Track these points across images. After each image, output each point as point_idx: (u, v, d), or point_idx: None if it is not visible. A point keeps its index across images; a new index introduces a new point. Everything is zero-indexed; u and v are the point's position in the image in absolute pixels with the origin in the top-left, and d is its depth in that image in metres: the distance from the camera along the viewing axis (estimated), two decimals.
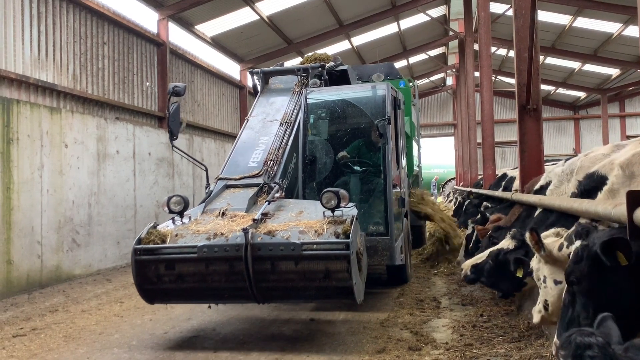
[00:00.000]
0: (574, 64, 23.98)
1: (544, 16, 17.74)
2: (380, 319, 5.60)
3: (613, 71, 24.10)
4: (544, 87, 26.72)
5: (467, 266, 4.69)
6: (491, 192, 8.21)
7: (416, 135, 11.27)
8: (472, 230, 6.66)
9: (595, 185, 3.20)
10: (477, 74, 15.79)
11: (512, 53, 6.67)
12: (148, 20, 12.75)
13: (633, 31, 18.21)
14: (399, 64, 24.78)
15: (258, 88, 7.61)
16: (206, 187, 5.95)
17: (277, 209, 5.23)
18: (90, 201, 9.45)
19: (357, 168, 6.92)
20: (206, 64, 15.57)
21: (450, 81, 32.32)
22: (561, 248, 2.98)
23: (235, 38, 16.00)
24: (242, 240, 4.57)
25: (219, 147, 15.07)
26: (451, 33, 22.48)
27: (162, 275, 4.85)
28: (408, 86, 9.92)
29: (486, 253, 4.49)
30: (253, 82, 7.81)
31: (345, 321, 5.70)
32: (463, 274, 4.78)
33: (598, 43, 20.31)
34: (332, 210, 4.87)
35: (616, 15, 17.02)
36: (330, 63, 7.77)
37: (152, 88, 12.75)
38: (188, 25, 14.24)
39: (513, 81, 7.29)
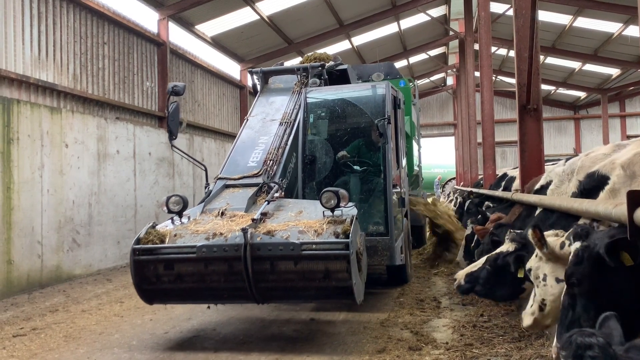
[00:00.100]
0: (574, 64, 23.97)
1: (544, 16, 17.73)
2: (380, 319, 5.60)
3: (613, 71, 24.08)
4: (544, 87, 26.70)
5: (461, 276, 4.48)
6: (491, 192, 8.20)
7: (416, 134, 11.25)
8: (472, 230, 6.64)
9: (596, 184, 3.19)
10: (478, 74, 15.78)
11: (513, 53, 6.66)
12: (148, 20, 12.77)
13: (633, 31, 18.20)
14: (399, 64, 24.77)
15: (258, 88, 7.58)
16: (205, 187, 5.92)
17: (277, 209, 5.21)
18: (90, 201, 9.45)
19: (357, 168, 6.89)
20: (206, 64, 15.57)
21: (450, 81, 32.31)
22: (563, 246, 2.97)
23: (235, 38, 16.00)
24: (241, 240, 4.55)
25: (219, 147, 15.07)
26: (451, 33, 22.47)
27: (161, 275, 4.82)
28: (408, 86, 9.90)
29: (482, 260, 4.37)
30: (253, 82, 7.78)
31: (345, 321, 5.70)
32: (456, 284, 4.49)
33: (598, 43, 20.29)
34: (332, 210, 4.84)
35: (616, 15, 17.00)
36: (330, 62, 7.74)
37: (153, 88, 12.75)
38: (188, 25, 14.24)
39: (513, 81, 7.28)
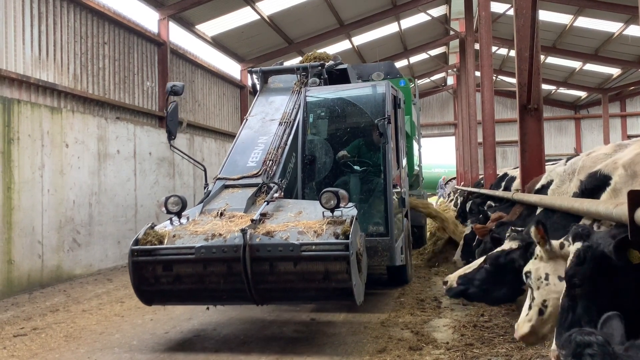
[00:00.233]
0: (575, 64, 23.96)
1: (545, 16, 17.73)
2: (381, 319, 5.60)
3: (614, 71, 24.07)
4: (545, 87, 26.68)
5: (453, 278, 4.21)
6: (492, 192, 8.18)
7: (416, 134, 11.25)
8: (472, 230, 6.62)
9: (597, 184, 3.17)
10: (478, 74, 15.77)
11: (513, 52, 6.65)
12: (149, 20, 12.78)
13: (634, 31, 18.20)
14: (400, 64, 24.77)
15: (257, 87, 7.55)
16: (205, 187, 5.89)
17: (276, 209, 5.18)
18: (91, 201, 9.45)
19: (357, 168, 6.87)
20: (207, 64, 15.57)
21: (451, 81, 32.30)
22: (563, 247, 2.95)
23: (235, 38, 15.99)
24: (241, 241, 4.52)
25: (220, 147, 15.07)
26: (452, 33, 22.48)
27: (160, 276, 4.79)
28: (408, 85, 9.88)
29: (477, 262, 4.22)
30: (252, 81, 7.73)
31: (345, 321, 5.70)
32: (448, 287, 4.19)
33: (599, 42, 20.28)
34: (332, 210, 4.81)
35: (617, 14, 17.00)
36: (329, 62, 7.72)
37: (153, 88, 12.75)
38: (189, 25, 14.25)
39: (514, 81, 7.27)
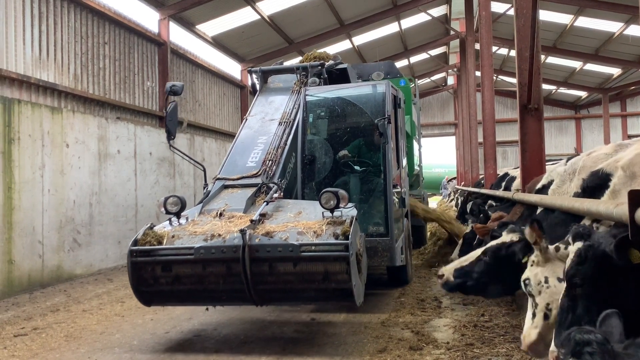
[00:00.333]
0: (575, 64, 23.95)
1: (545, 15, 17.72)
2: (381, 319, 5.60)
3: (614, 70, 24.06)
4: (545, 87, 26.66)
5: (449, 270, 4.10)
6: (492, 192, 8.17)
7: (417, 134, 11.23)
8: (472, 230, 6.61)
9: (599, 183, 3.15)
10: (478, 74, 15.75)
11: (514, 52, 6.64)
12: (149, 20, 12.78)
13: (634, 30, 18.19)
14: (400, 64, 24.76)
15: (257, 87, 7.54)
16: (204, 187, 5.88)
17: (276, 210, 5.16)
18: (91, 201, 9.45)
19: (357, 168, 6.86)
20: (207, 64, 15.58)
21: (451, 81, 32.29)
22: (558, 250, 2.92)
23: (236, 38, 15.99)
24: (240, 241, 4.50)
25: (220, 147, 15.07)
26: (452, 32, 22.46)
27: (159, 277, 4.77)
28: (408, 85, 9.85)
29: (474, 254, 4.13)
30: (252, 81, 7.73)
31: (346, 321, 5.70)
32: (444, 280, 4.08)
33: (599, 42, 20.27)
34: (332, 210, 4.79)
35: (617, 14, 16.99)
36: (329, 62, 7.71)
37: (153, 88, 12.75)
38: (189, 25, 14.25)
39: (514, 81, 7.27)
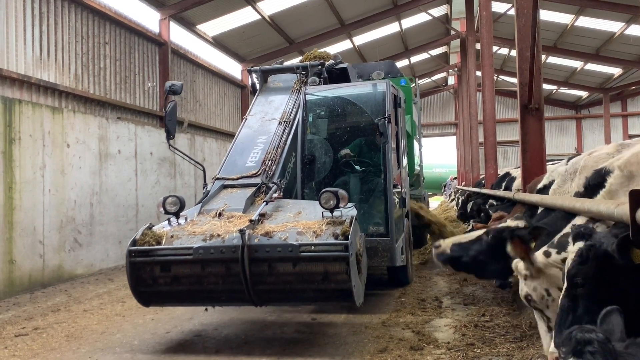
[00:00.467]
0: (576, 63, 23.92)
1: (546, 15, 17.70)
2: (381, 319, 5.60)
3: (615, 70, 24.03)
4: (546, 87, 26.62)
5: (447, 243, 4.16)
6: (493, 192, 8.16)
7: (417, 134, 11.22)
8: (472, 229, 6.61)
9: (601, 181, 3.15)
10: (479, 74, 15.73)
11: (514, 52, 6.64)
12: (150, 20, 12.79)
13: (635, 30, 18.17)
14: (401, 64, 24.75)
15: (257, 86, 7.54)
16: (203, 187, 5.86)
17: (275, 210, 5.15)
18: (92, 201, 9.46)
19: (358, 167, 6.86)
20: (208, 64, 15.58)
21: (452, 80, 32.25)
22: (549, 255, 2.86)
23: (236, 38, 15.99)
24: (239, 241, 4.49)
25: (221, 147, 15.08)
26: (453, 32, 22.44)
27: (157, 277, 4.76)
28: (409, 85, 9.82)
29: (474, 234, 4.20)
30: (252, 81, 7.73)
31: (346, 321, 5.69)
32: (440, 251, 4.12)
33: (600, 42, 20.24)
34: (331, 210, 4.78)
35: (618, 14, 16.97)
36: (329, 61, 7.70)
37: (154, 88, 12.75)
38: (190, 25, 14.25)
39: (515, 80, 7.28)
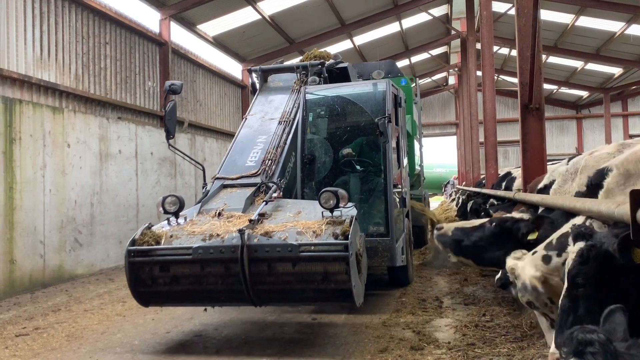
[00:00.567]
0: (577, 63, 23.91)
1: (547, 15, 17.69)
2: (382, 319, 5.60)
3: (616, 70, 24.02)
4: (547, 86, 26.61)
5: (449, 227, 4.21)
6: (493, 192, 8.17)
7: (418, 134, 11.20)
8: None
9: (601, 180, 3.15)
10: (480, 73, 15.74)
11: (515, 52, 6.64)
12: (150, 20, 12.80)
13: (636, 30, 18.16)
14: (401, 64, 24.74)
15: (257, 86, 7.53)
16: (203, 187, 5.85)
17: (275, 209, 5.14)
18: (92, 201, 9.46)
19: (358, 167, 6.85)
20: (208, 64, 15.58)
21: (452, 80, 32.25)
22: (549, 260, 2.86)
23: (237, 38, 16.00)
24: (238, 241, 4.48)
25: (221, 147, 15.07)
26: (453, 32, 22.43)
27: (157, 277, 4.74)
28: (409, 84, 9.78)
29: (478, 221, 4.23)
30: (252, 80, 7.72)
31: (347, 321, 5.69)
32: (441, 233, 4.19)
33: (601, 42, 20.24)
34: (331, 210, 4.77)
35: (619, 14, 16.96)
36: (330, 60, 7.69)
37: (154, 88, 12.76)
38: (190, 24, 14.25)
39: (515, 80, 7.27)
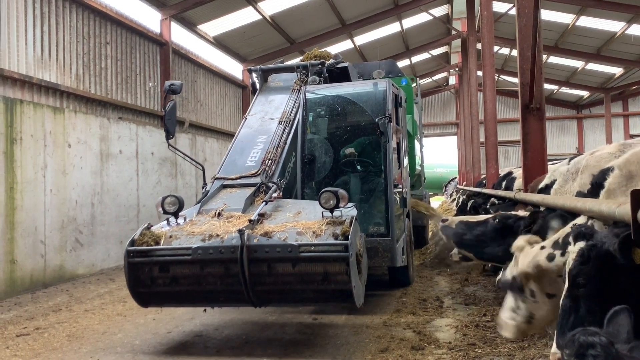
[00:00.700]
0: (577, 63, 23.89)
1: (547, 15, 17.67)
2: (383, 319, 5.60)
3: (616, 70, 24.00)
4: (547, 86, 26.59)
5: (454, 220, 4.29)
6: (494, 191, 8.16)
7: (418, 134, 11.18)
8: None
9: (603, 180, 3.13)
10: (480, 73, 15.73)
11: (515, 52, 6.64)
12: (151, 20, 12.80)
13: (636, 30, 18.15)
14: (402, 64, 24.72)
15: (257, 86, 7.52)
16: (203, 187, 5.84)
17: (275, 210, 5.13)
18: (93, 201, 9.46)
19: (359, 167, 6.84)
20: (209, 64, 15.58)
21: (453, 80, 32.22)
22: (552, 258, 2.85)
23: (237, 38, 16.00)
24: (238, 241, 4.46)
25: (222, 147, 15.07)
26: (454, 32, 22.42)
27: (156, 277, 4.73)
28: (410, 84, 9.75)
29: (482, 216, 4.29)
30: (252, 80, 7.72)
31: (347, 321, 5.69)
32: (446, 224, 4.28)
33: (601, 42, 20.22)
34: (331, 210, 4.75)
35: (619, 14, 16.95)
36: (330, 60, 7.68)
37: (155, 88, 12.76)
38: (191, 25, 14.26)
39: (516, 80, 7.27)
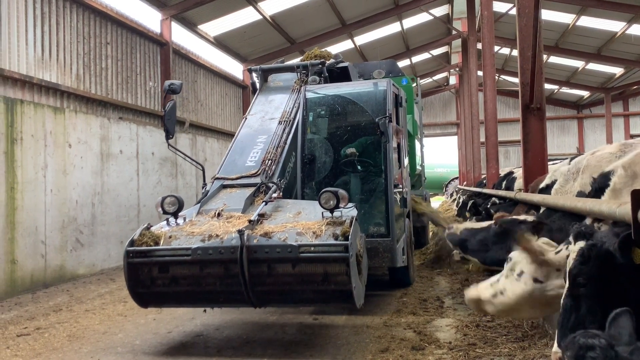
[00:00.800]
0: (578, 63, 23.89)
1: (548, 15, 17.67)
2: (383, 319, 5.60)
3: (617, 70, 24.00)
4: (548, 86, 26.59)
5: (459, 227, 4.35)
6: (494, 191, 8.16)
7: (419, 134, 11.17)
8: None
9: (607, 180, 3.13)
10: (480, 73, 15.72)
11: (516, 52, 6.64)
12: (151, 20, 12.80)
13: (637, 30, 18.14)
14: (402, 64, 24.72)
15: (257, 86, 7.51)
16: (203, 187, 5.83)
17: (275, 210, 5.13)
18: (93, 201, 9.47)
19: (359, 167, 6.84)
20: (209, 64, 15.59)
21: (453, 80, 32.21)
22: (558, 252, 2.89)
23: (238, 38, 16.00)
24: (238, 242, 4.46)
25: (222, 147, 15.07)
26: (454, 32, 22.41)
27: (155, 278, 4.72)
28: (410, 84, 9.75)
29: (486, 223, 4.32)
30: (252, 80, 7.72)
31: (348, 321, 5.70)
32: (451, 232, 4.35)
33: (602, 42, 20.21)
34: (331, 210, 4.74)
35: (620, 13, 16.94)
36: (330, 60, 7.66)
37: (156, 88, 12.76)
38: (191, 25, 14.26)
39: (516, 80, 7.26)
